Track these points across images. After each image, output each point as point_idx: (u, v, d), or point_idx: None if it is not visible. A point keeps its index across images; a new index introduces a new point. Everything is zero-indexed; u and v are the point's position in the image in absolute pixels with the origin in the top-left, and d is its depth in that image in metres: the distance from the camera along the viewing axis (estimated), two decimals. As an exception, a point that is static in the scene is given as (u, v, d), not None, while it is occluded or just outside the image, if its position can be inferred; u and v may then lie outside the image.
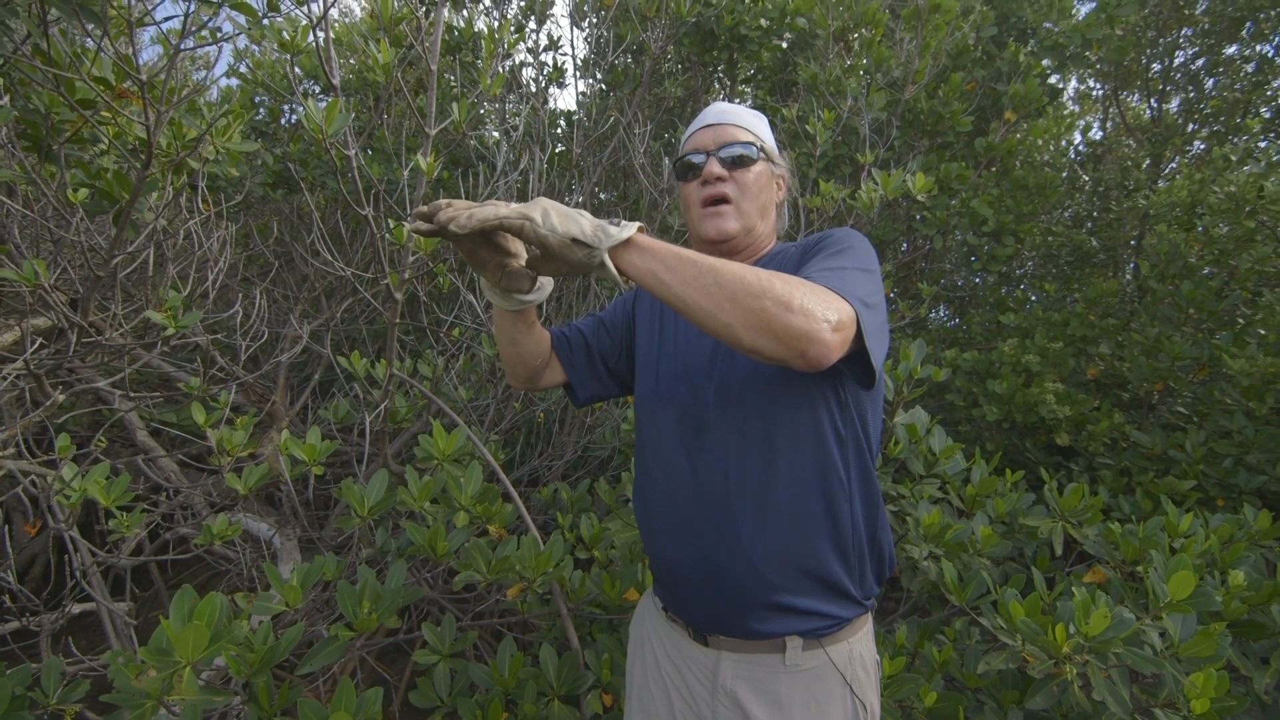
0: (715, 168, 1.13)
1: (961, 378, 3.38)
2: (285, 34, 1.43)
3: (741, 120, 1.16)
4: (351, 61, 4.02)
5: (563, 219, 0.84)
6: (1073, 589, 1.26)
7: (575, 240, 0.83)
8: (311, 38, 1.44)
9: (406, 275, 1.96)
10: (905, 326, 3.81)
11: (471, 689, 1.59)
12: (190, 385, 1.79)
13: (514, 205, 0.85)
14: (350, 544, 2.41)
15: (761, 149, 1.15)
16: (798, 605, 1.01)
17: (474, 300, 2.37)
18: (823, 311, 0.78)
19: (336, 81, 1.42)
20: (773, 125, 3.43)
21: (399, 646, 2.68)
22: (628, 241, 0.84)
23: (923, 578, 1.90)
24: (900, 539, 1.90)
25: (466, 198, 2.29)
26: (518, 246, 0.95)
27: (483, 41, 1.89)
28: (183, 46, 1.46)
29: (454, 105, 1.76)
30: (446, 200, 0.85)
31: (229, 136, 1.79)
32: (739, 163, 1.13)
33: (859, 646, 1.06)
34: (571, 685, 1.57)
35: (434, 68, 1.79)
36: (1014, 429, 3.25)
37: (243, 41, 3.36)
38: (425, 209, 0.85)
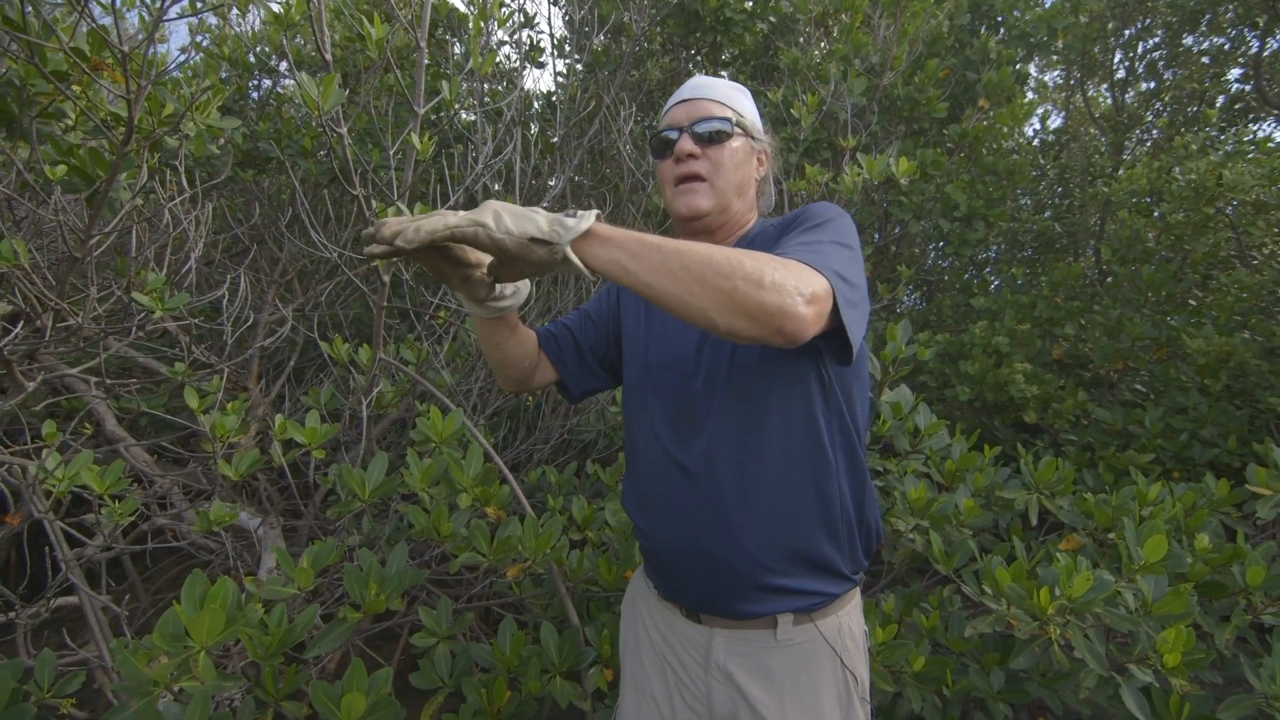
0: (687, 144, 1.10)
1: (934, 359, 3.48)
2: (277, 7, 1.38)
3: (718, 94, 1.13)
4: (336, 37, 3.89)
5: (516, 219, 0.80)
6: (1055, 554, 1.33)
7: (533, 239, 0.80)
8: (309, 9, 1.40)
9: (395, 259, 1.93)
10: (879, 310, 3.90)
11: (471, 670, 1.60)
12: (174, 370, 1.74)
13: (462, 213, 0.81)
14: (335, 531, 2.38)
15: (738, 123, 1.12)
16: (789, 586, 1.03)
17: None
18: (795, 285, 0.77)
19: (329, 56, 1.38)
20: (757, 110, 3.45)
21: (384, 632, 2.67)
22: (588, 233, 0.81)
23: (905, 550, 1.98)
24: (886, 513, 1.96)
25: (450, 178, 2.26)
26: (477, 255, 0.91)
27: (471, 19, 1.86)
28: (164, 18, 1.40)
29: (444, 84, 1.73)
30: (389, 218, 0.80)
31: (208, 113, 1.73)
32: (713, 138, 1.10)
33: (848, 620, 1.09)
34: (573, 661, 1.60)
35: (423, 44, 1.75)
36: (984, 408, 3.37)
37: (210, 19, 3.22)
38: (371, 230, 0.81)
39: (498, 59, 3.62)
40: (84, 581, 1.94)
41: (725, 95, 1.14)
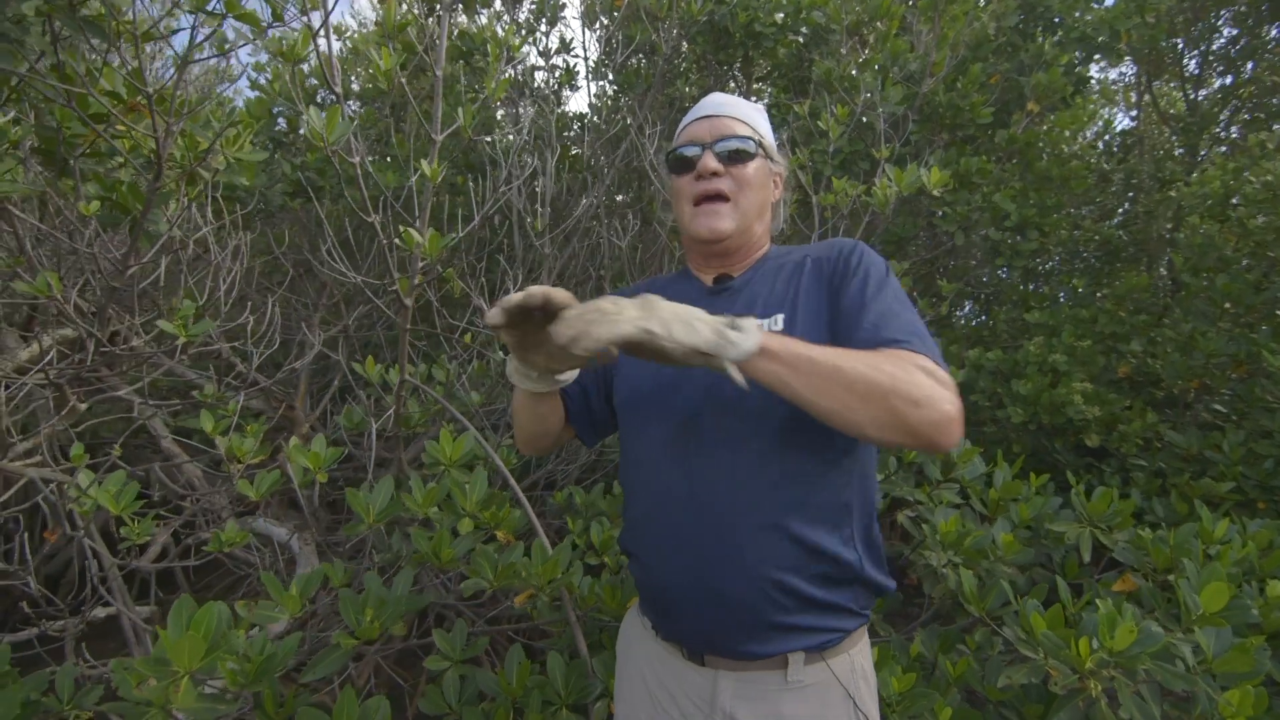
0: (711, 162, 1.06)
1: (986, 378, 3.28)
2: (285, 43, 1.44)
3: (740, 112, 1.10)
4: (370, 71, 4.07)
5: (684, 328, 0.78)
6: (1097, 600, 1.20)
7: (698, 352, 0.78)
8: (314, 46, 1.44)
9: (417, 281, 1.96)
10: (928, 325, 3.72)
11: (480, 696, 1.58)
12: (205, 394, 1.81)
13: (626, 312, 0.77)
14: (364, 549, 2.43)
15: (760, 144, 1.09)
16: (802, 624, 0.96)
17: (484, 305, 2.37)
18: (942, 397, 0.81)
19: (338, 89, 1.42)
20: (786, 123, 3.39)
21: (416, 651, 2.69)
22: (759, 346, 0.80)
23: (943, 585, 1.85)
24: (918, 545, 1.84)
25: (477, 202, 2.29)
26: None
27: (489, 45, 1.89)
28: (191, 59, 1.47)
29: (459, 110, 1.75)
30: (568, 317, 0.77)
31: (239, 146, 1.81)
32: (736, 157, 1.07)
33: (858, 658, 1.03)
34: (579, 694, 1.55)
35: (439, 73, 1.79)
36: (1041, 430, 3.15)
37: (263, 55, 3.42)
38: (556, 329, 0.78)
39: (535, 84, 3.70)
40: (124, 594, 2.04)
41: (747, 114, 1.12)
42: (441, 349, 2.83)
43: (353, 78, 3.90)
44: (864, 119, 3.02)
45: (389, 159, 3.38)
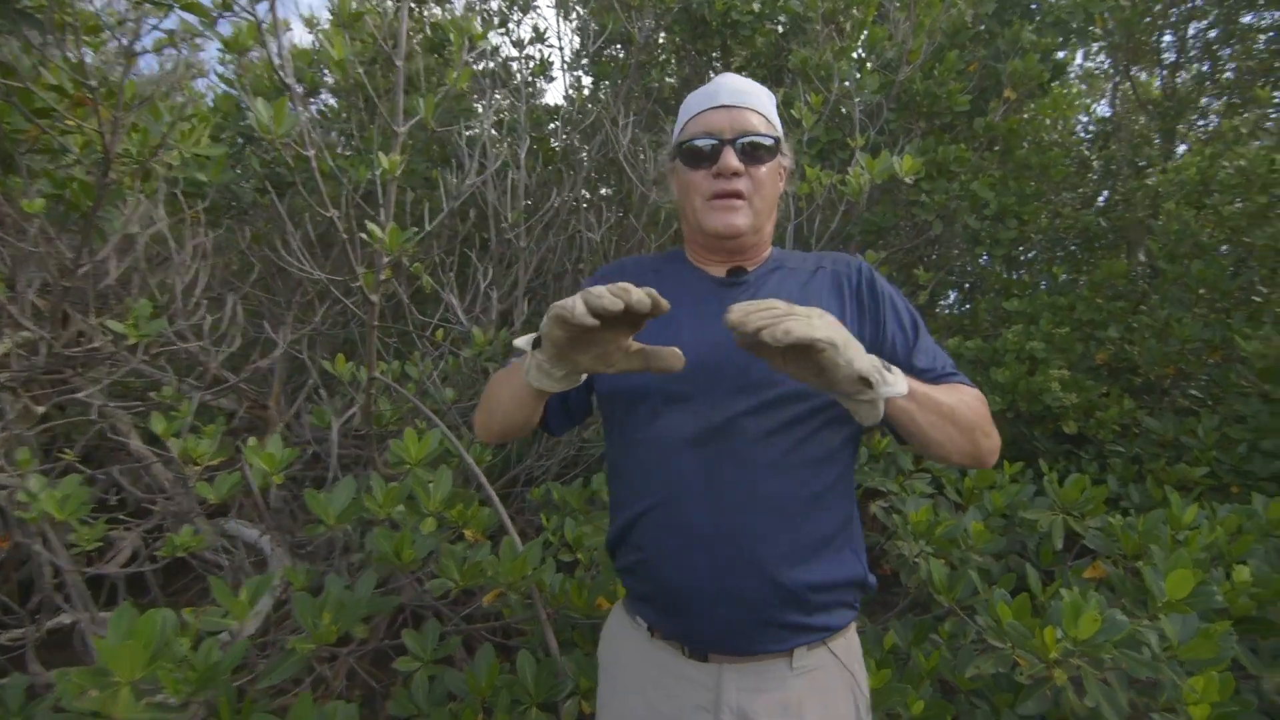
0: (733, 160, 1.00)
1: (965, 367, 3.28)
2: (238, 34, 1.39)
3: (760, 104, 1.06)
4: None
5: (857, 351, 0.81)
6: (1062, 590, 1.19)
7: (860, 378, 0.80)
8: (267, 37, 1.40)
9: (383, 277, 1.92)
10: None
11: (449, 697, 1.56)
12: (163, 394, 1.77)
13: (820, 325, 0.77)
14: (335, 550, 2.39)
15: (778, 141, 1.05)
16: (814, 623, 0.98)
17: (454, 301, 2.33)
18: (992, 426, 0.98)
19: (291, 82, 1.38)
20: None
21: (389, 653, 2.66)
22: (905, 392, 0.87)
23: (917, 575, 1.84)
24: (892, 535, 1.83)
25: (446, 195, 2.25)
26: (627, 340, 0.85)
27: (451, 34, 1.85)
28: (134, 50, 1.43)
29: (420, 101, 1.71)
30: (756, 311, 0.76)
31: (194, 140, 1.76)
32: (756, 156, 1.02)
33: (853, 639, 1.06)
34: (550, 692, 1.53)
35: (399, 63, 1.75)
36: (1019, 418, 3.15)
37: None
38: (734, 318, 0.77)
39: (511, 75, 3.64)
40: (86, 599, 1.99)
41: (765, 106, 1.07)
42: (415, 346, 2.79)
43: (325, 71, 3.82)
44: (842, 109, 3.00)
45: (362, 153, 3.33)
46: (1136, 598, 1.46)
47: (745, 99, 1.05)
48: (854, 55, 3.03)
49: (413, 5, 3.16)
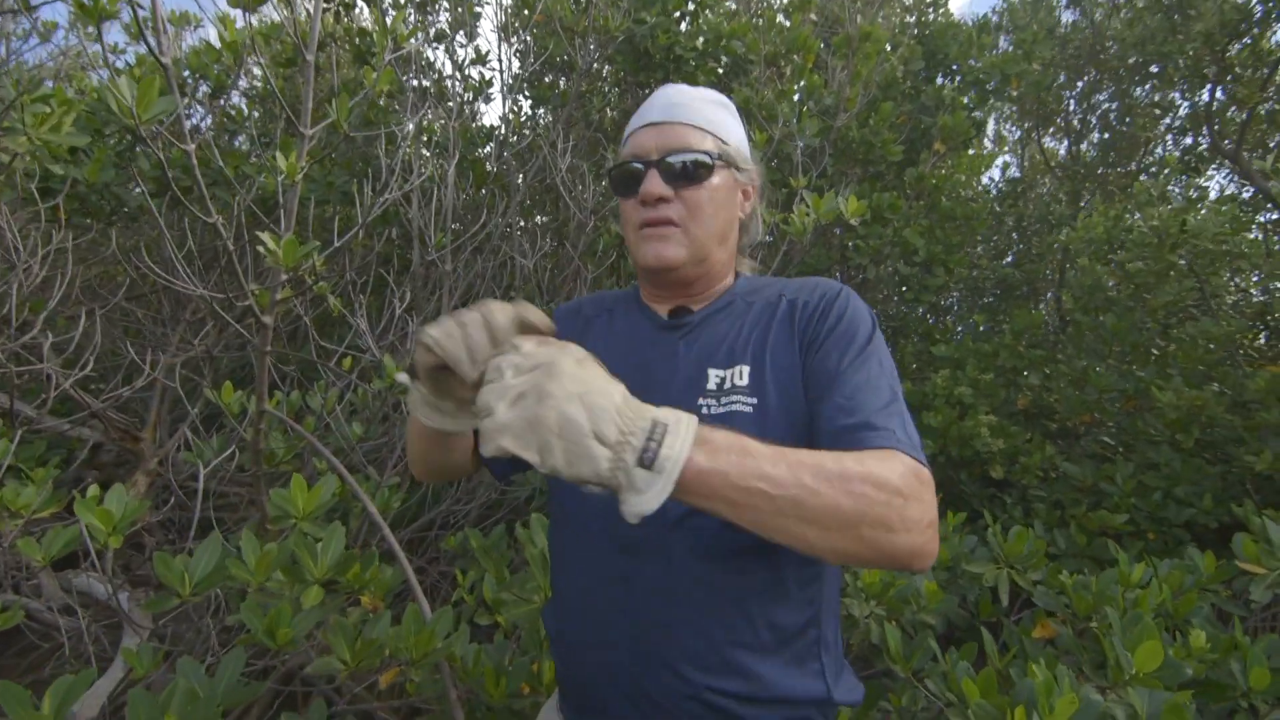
0: (656, 185, 0.86)
1: (897, 409, 3.30)
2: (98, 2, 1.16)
3: (696, 116, 0.90)
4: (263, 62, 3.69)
5: (568, 452, 0.57)
6: (1031, 662, 1.10)
7: (586, 481, 0.58)
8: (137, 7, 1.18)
9: (279, 295, 1.67)
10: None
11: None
12: (-17, 428, 1.44)
13: (499, 412, 0.58)
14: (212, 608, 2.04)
15: (721, 154, 0.89)
16: None
17: (365, 326, 2.09)
18: (920, 514, 0.66)
19: (167, 61, 1.16)
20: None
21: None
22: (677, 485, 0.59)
23: (861, 633, 1.73)
24: (840, 592, 1.72)
25: (361, 208, 2.03)
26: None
27: (374, 36, 1.66)
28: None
29: (332, 104, 1.51)
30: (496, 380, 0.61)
31: (52, 126, 1.48)
32: (688, 176, 0.87)
33: None
34: (457, 791, 1.30)
35: (310, 58, 1.55)
36: (949, 461, 3.18)
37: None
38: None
39: (450, 94, 3.47)
40: None
41: (705, 116, 0.91)
42: (317, 376, 2.50)
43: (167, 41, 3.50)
44: (781, 151, 3.01)
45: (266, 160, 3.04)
46: (1090, 661, 1.39)
47: (678, 113, 0.91)
48: (795, 98, 3.06)
49: (340, 8, 2.95)
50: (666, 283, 0.93)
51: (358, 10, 3.01)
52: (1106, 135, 4.37)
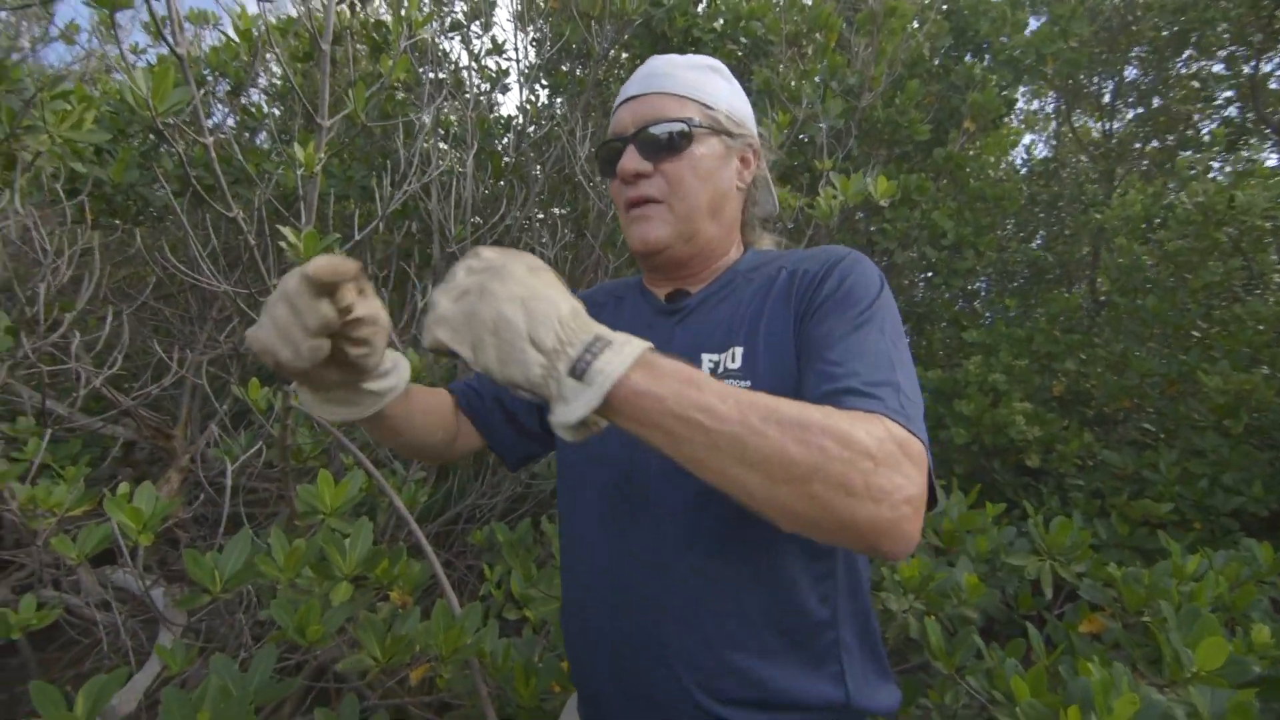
0: (632, 160, 0.82)
1: (926, 398, 3.22)
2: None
3: (674, 84, 0.85)
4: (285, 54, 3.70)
5: (500, 350, 0.55)
6: (1074, 642, 1.05)
7: (517, 386, 0.56)
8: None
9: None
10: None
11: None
12: (14, 428, 1.45)
13: (441, 303, 0.57)
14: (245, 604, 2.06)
15: (704, 121, 0.84)
16: None
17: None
18: (893, 485, 0.55)
19: (182, 51, 1.14)
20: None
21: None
22: (606, 401, 0.54)
23: (898, 626, 1.69)
24: (875, 586, 1.68)
25: (381, 201, 2.01)
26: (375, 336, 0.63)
27: (389, 24, 1.63)
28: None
29: (349, 95, 1.49)
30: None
31: (73, 124, 1.48)
32: (668, 147, 0.82)
33: None
34: (489, 788, 1.28)
35: (325, 46, 1.52)
36: (983, 451, 3.10)
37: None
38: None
39: (468, 86, 3.44)
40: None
41: (686, 83, 0.86)
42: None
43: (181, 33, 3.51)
44: (803, 136, 2.93)
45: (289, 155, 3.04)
46: (1144, 657, 1.33)
47: (655, 83, 0.85)
48: (817, 79, 2.98)
49: (357, 1, 2.94)
50: (658, 265, 0.89)
51: (375, 4, 2.99)
52: (1141, 110, 4.21)
